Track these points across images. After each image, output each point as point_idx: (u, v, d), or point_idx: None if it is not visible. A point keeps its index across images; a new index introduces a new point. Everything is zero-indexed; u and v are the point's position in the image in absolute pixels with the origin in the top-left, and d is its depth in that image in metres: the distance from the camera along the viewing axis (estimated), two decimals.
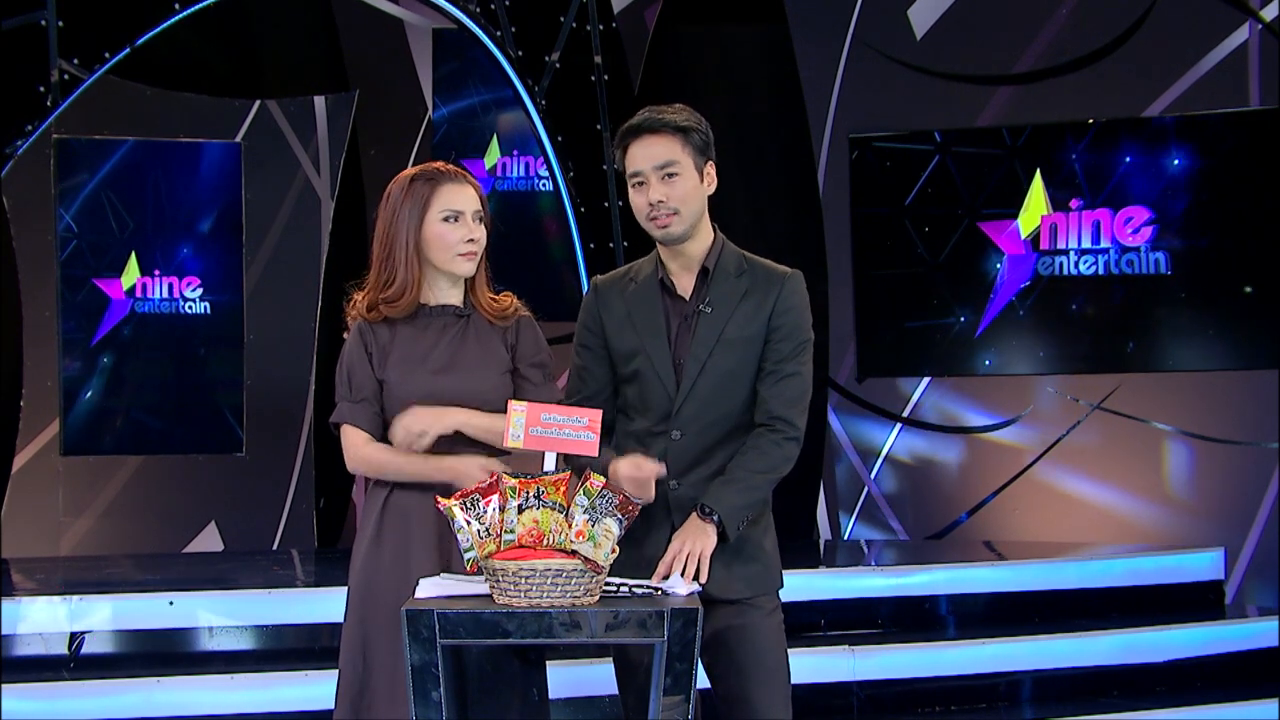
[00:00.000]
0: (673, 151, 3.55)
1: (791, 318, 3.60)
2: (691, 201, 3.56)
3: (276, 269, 8.92)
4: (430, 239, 3.64)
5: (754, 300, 3.59)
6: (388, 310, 3.65)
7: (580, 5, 7.74)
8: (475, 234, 3.65)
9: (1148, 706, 5.95)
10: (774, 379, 3.57)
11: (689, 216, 3.57)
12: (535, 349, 3.72)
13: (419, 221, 3.63)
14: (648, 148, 3.56)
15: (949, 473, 7.95)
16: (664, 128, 3.55)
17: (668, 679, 3.13)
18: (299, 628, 5.61)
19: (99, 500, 8.56)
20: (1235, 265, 7.32)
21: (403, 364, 3.64)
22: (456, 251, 3.64)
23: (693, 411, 3.56)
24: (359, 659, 3.62)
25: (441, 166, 3.71)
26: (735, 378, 3.57)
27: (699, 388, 3.56)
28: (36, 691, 5.18)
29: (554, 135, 7.52)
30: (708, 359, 3.56)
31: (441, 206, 3.63)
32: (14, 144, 6.47)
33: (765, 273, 3.63)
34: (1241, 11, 7.29)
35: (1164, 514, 7.39)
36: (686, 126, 3.56)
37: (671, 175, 3.55)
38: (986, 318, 7.76)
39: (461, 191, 3.66)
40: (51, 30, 6.51)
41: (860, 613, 6.25)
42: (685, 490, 3.56)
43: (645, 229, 3.64)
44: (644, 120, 3.58)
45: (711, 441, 3.58)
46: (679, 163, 3.55)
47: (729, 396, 3.58)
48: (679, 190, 3.55)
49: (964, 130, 7.85)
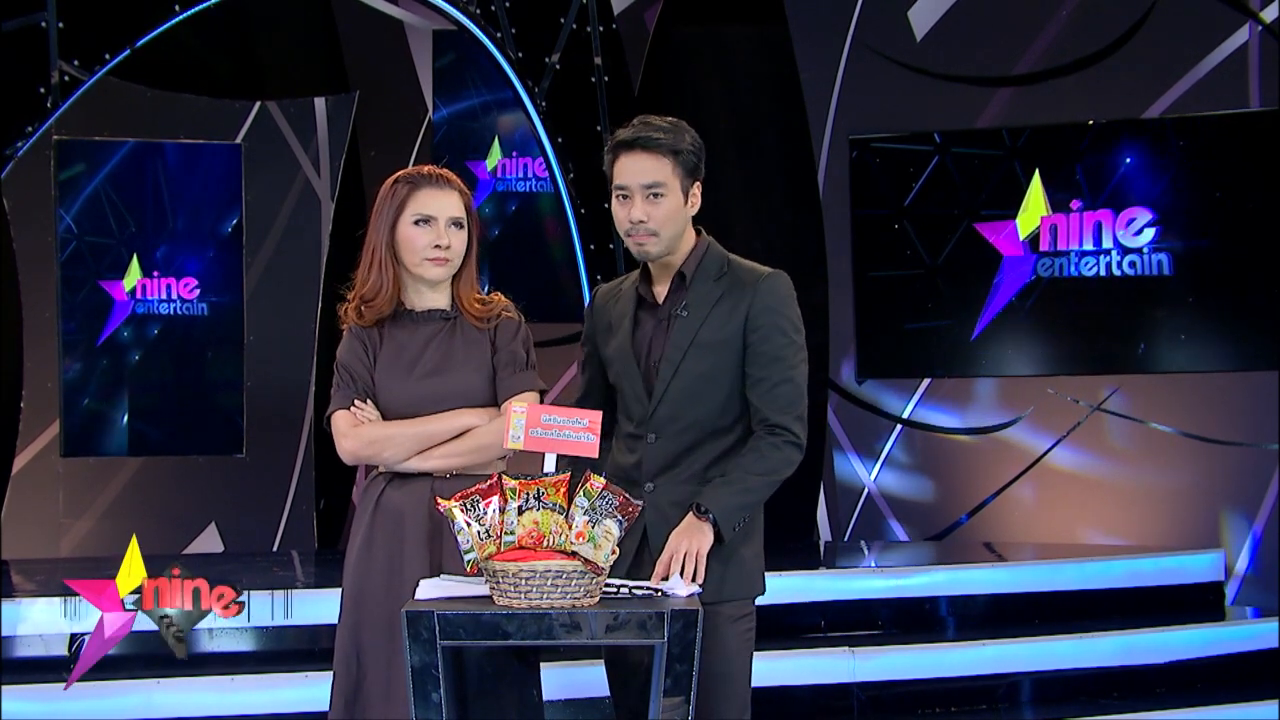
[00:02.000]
0: (662, 173, 3.54)
1: (769, 319, 3.55)
2: (672, 224, 3.55)
3: (277, 270, 8.92)
4: (400, 242, 3.64)
5: (729, 303, 3.57)
6: (367, 312, 3.66)
7: (580, 7, 7.74)
8: (445, 240, 3.63)
9: (1148, 708, 5.95)
10: (764, 387, 3.54)
11: (666, 240, 3.56)
12: (509, 339, 3.69)
13: (392, 224, 3.64)
14: (638, 163, 3.54)
15: (949, 474, 7.95)
16: (657, 148, 3.54)
17: (668, 680, 3.13)
18: (299, 629, 5.61)
19: (99, 501, 8.56)
20: (1235, 266, 7.31)
21: (389, 368, 3.65)
22: (424, 256, 3.63)
23: (667, 414, 3.56)
24: (353, 660, 3.62)
25: (426, 170, 3.70)
26: (710, 380, 3.55)
27: (672, 391, 3.56)
28: (36, 693, 5.18)
29: (554, 136, 7.52)
30: (681, 362, 3.55)
31: (414, 210, 3.63)
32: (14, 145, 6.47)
33: (744, 275, 3.61)
34: (1241, 13, 7.29)
35: (1164, 515, 7.39)
36: (679, 149, 3.54)
37: (657, 196, 3.54)
38: (986, 319, 7.76)
39: (438, 196, 3.64)
40: (52, 31, 6.51)
41: (860, 614, 6.25)
42: (660, 493, 3.55)
43: (623, 240, 3.64)
44: (638, 136, 3.55)
45: (687, 444, 3.56)
46: (665, 185, 3.54)
47: (703, 400, 3.56)
48: (661, 212, 3.54)
49: (964, 131, 7.84)
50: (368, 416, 3.63)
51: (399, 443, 3.60)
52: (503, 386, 3.65)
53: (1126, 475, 7.51)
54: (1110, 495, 7.53)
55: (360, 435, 3.62)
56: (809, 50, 8.16)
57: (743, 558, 3.55)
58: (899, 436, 8.02)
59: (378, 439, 3.61)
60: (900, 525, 8.01)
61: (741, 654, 3.56)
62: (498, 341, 3.69)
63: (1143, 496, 7.45)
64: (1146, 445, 7.46)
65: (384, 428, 3.62)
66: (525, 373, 3.68)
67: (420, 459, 3.60)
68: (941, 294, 7.86)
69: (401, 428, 3.61)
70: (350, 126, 8.95)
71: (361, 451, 3.63)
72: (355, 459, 3.66)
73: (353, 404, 3.63)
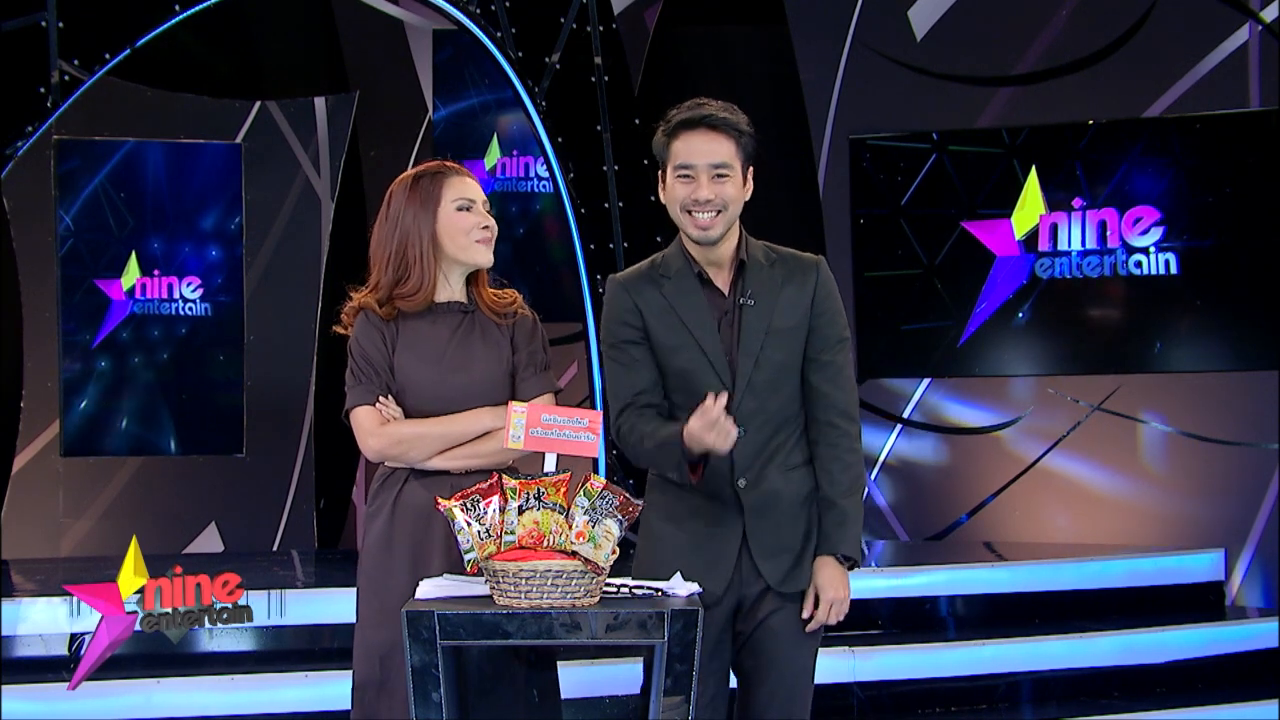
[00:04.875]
0: (729, 153, 3.51)
1: (832, 303, 3.60)
2: (735, 205, 3.53)
3: (277, 270, 8.93)
4: (446, 229, 3.64)
5: (792, 288, 3.56)
6: (403, 305, 3.65)
7: (580, 6, 7.74)
8: (487, 220, 3.68)
9: (1148, 707, 5.95)
10: (831, 370, 3.56)
11: (727, 220, 3.53)
12: (530, 341, 3.71)
13: (432, 215, 3.64)
14: (706, 143, 3.50)
15: (949, 474, 7.95)
16: (726, 128, 3.51)
17: (668, 680, 3.14)
18: (299, 629, 5.61)
19: (99, 501, 8.57)
20: (1234, 266, 7.31)
21: (414, 360, 3.64)
22: (475, 238, 3.65)
23: (752, 406, 3.51)
24: (374, 660, 3.59)
25: (443, 163, 3.73)
26: (786, 369, 3.54)
27: (755, 382, 3.51)
28: (37, 693, 5.18)
29: (554, 136, 7.51)
30: (760, 352, 3.51)
31: (454, 196, 3.65)
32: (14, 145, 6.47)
33: (796, 261, 3.62)
34: (1241, 12, 7.29)
35: (1164, 515, 7.39)
36: (744, 130, 3.53)
37: (723, 176, 3.50)
38: (984, 318, 7.76)
39: (468, 183, 3.69)
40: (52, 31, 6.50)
41: (860, 613, 6.19)
42: (756, 485, 3.52)
43: (679, 222, 3.55)
44: (705, 115, 3.51)
45: (771, 434, 3.53)
46: (731, 166, 3.51)
47: (783, 388, 3.54)
48: (728, 192, 3.51)
49: (964, 131, 7.84)
50: (393, 414, 3.62)
51: (427, 443, 3.61)
52: (523, 387, 3.66)
53: (1126, 475, 7.51)
54: (1110, 495, 7.53)
55: (388, 434, 3.61)
56: (809, 50, 8.16)
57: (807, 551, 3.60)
58: (899, 436, 8.02)
59: (406, 438, 3.61)
60: (900, 524, 8.01)
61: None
62: (516, 339, 3.70)
63: (1143, 496, 7.45)
64: (1147, 445, 7.46)
65: (411, 426, 3.61)
66: (544, 374, 3.70)
67: (442, 458, 3.61)
68: (941, 294, 7.86)
69: (429, 427, 3.61)
70: (350, 126, 8.96)
71: (389, 450, 3.62)
72: (380, 457, 3.65)
73: (377, 400, 3.63)
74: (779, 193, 8.63)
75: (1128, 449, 7.50)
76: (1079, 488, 7.60)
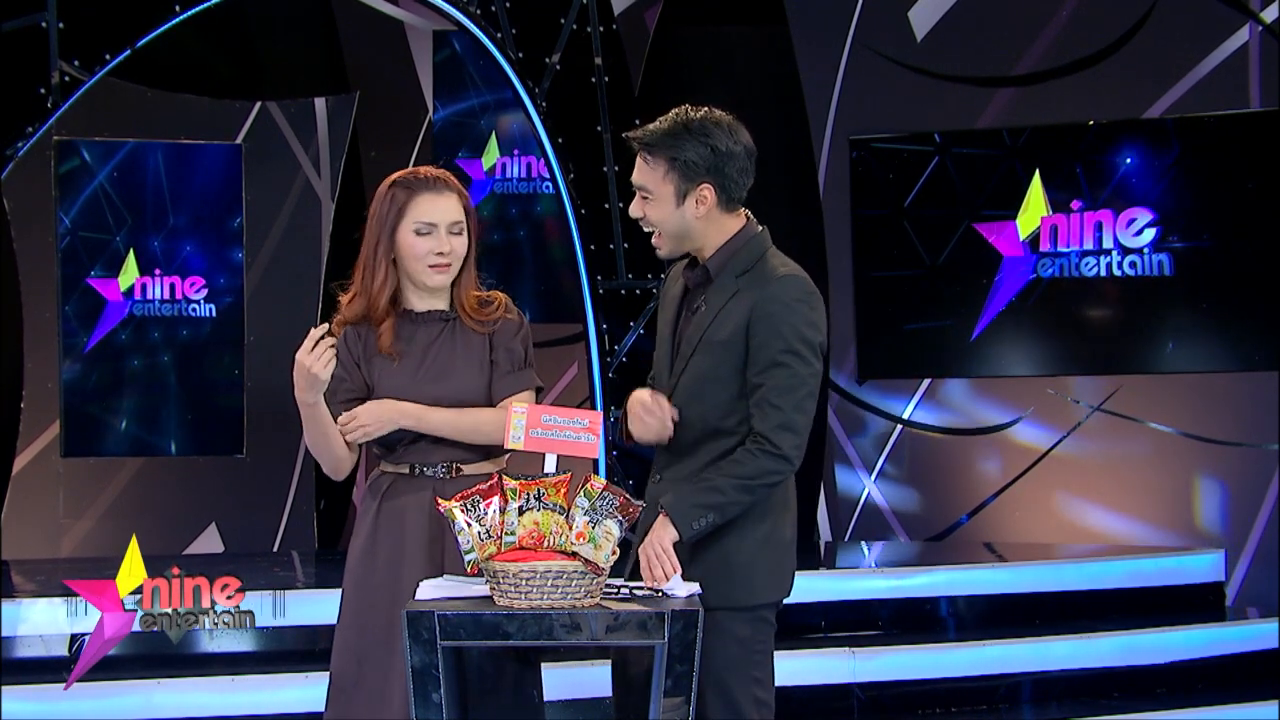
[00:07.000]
0: (642, 174, 3.52)
1: (768, 324, 3.41)
2: (669, 224, 3.51)
3: (277, 271, 8.92)
4: (402, 249, 3.63)
5: (739, 302, 3.46)
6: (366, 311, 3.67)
7: (580, 7, 7.74)
8: (446, 247, 3.61)
9: (1148, 708, 5.96)
10: (757, 395, 3.42)
11: (669, 239, 3.53)
12: (509, 338, 3.68)
13: (393, 230, 3.63)
14: (638, 165, 3.54)
15: (949, 475, 7.95)
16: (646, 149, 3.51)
17: (668, 681, 3.14)
18: (299, 629, 5.61)
19: (99, 502, 8.56)
20: (1235, 267, 7.31)
21: (390, 368, 3.65)
22: (426, 264, 3.62)
23: (679, 409, 3.50)
24: (351, 660, 3.61)
25: (424, 172, 3.68)
26: (712, 380, 3.47)
27: (680, 386, 3.52)
28: (36, 693, 5.18)
29: (554, 137, 7.51)
30: (690, 357, 3.50)
31: (415, 218, 3.61)
32: (14, 146, 6.47)
33: (761, 274, 3.50)
34: (1241, 13, 7.29)
35: (1164, 515, 7.39)
36: (676, 156, 3.46)
37: (645, 198, 3.53)
38: (986, 319, 7.76)
39: (437, 202, 3.62)
40: (52, 32, 6.50)
41: (861, 614, 6.25)
42: (659, 487, 3.52)
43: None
44: (636, 137, 3.53)
45: (689, 442, 3.50)
46: (650, 188, 3.51)
47: (702, 399, 3.48)
48: (654, 212, 3.52)
49: (964, 132, 7.84)
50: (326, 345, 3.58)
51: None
52: (499, 384, 3.64)
53: (1126, 476, 7.51)
54: (1110, 495, 7.53)
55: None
56: (809, 50, 8.15)
57: (731, 565, 3.46)
58: (899, 437, 8.02)
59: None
60: (900, 525, 8.01)
61: (742, 668, 3.45)
62: (495, 340, 3.67)
63: (1143, 497, 7.45)
64: (1147, 445, 7.46)
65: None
66: (523, 371, 3.67)
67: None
68: (942, 294, 7.86)
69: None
70: (350, 126, 8.95)
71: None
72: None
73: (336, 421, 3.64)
74: (779, 193, 8.63)
75: (1128, 450, 7.50)
76: (1079, 488, 7.60)
